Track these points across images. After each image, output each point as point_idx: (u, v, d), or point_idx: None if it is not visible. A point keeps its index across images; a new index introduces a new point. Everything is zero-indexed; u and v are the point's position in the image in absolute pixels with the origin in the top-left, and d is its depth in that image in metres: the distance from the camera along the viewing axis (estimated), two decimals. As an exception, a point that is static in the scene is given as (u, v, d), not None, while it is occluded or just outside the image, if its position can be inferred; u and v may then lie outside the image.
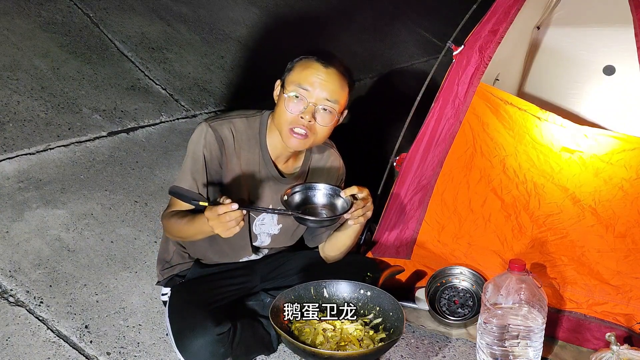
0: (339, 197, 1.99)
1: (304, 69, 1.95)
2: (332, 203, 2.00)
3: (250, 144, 2.03)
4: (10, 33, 3.08)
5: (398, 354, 2.19)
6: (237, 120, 2.03)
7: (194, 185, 1.97)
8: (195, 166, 1.97)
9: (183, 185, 1.97)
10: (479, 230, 2.41)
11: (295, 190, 2.00)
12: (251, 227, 2.10)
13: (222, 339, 1.83)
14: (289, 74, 1.97)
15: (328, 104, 1.94)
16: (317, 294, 2.04)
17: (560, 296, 2.31)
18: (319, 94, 1.93)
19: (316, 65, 1.95)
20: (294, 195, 1.99)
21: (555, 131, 2.32)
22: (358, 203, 1.95)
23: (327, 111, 1.95)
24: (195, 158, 1.97)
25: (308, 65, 1.95)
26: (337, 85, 1.96)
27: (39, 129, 2.70)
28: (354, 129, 3.55)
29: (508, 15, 2.33)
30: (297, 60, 1.99)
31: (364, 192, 1.97)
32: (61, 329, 2.01)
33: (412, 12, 5.39)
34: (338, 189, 2.00)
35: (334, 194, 2.01)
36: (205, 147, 1.96)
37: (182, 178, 1.99)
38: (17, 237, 2.27)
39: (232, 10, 4.18)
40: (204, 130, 1.97)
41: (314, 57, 1.97)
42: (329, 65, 1.95)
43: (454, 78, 2.38)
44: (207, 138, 1.96)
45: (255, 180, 2.05)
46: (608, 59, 2.98)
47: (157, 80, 3.32)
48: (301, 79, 1.93)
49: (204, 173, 1.98)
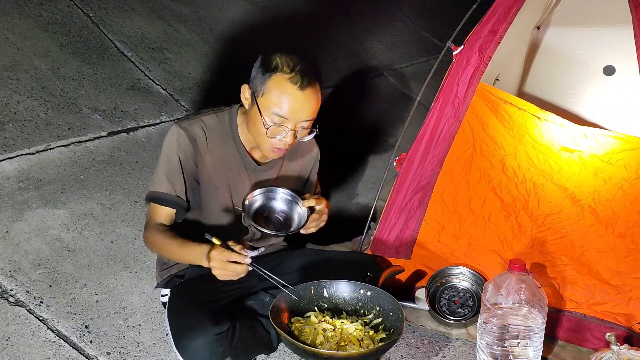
0: (298, 206, 2.07)
1: (280, 95, 1.89)
2: (291, 210, 2.08)
3: (223, 139, 2.05)
4: (10, 33, 3.07)
5: (398, 354, 2.19)
6: (206, 117, 2.04)
7: (171, 188, 1.99)
8: (171, 169, 1.99)
9: (160, 190, 1.99)
10: (479, 230, 2.41)
11: (255, 195, 2.05)
12: (239, 221, 2.13)
13: (221, 338, 1.83)
14: (262, 95, 1.91)
15: (306, 123, 1.95)
16: (317, 294, 2.04)
17: (560, 296, 2.31)
18: (298, 118, 1.92)
19: (292, 90, 1.88)
20: (254, 200, 2.06)
21: (555, 131, 2.32)
22: (314, 216, 2.04)
23: (305, 128, 1.96)
24: (169, 161, 1.99)
25: (283, 90, 1.88)
26: (314, 103, 1.94)
27: (39, 129, 2.70)
28: (354, 129, 3.56)
29: (508, 15, 2.34)
30: (268, 76, 1.90)
31: (321, 204, 2.06)
32: (61, 329, 2.01)
33: (412, 12, 5.39)
34: (298, 198, 2.06)
35: (293, 200, 2.07)
36: (179, 148, 1.98)
37: (157, 182, 2.00)
38: (17, 237, 2.27)
39: (232, 10, 4.17)
40: (175, 132, 1.98)
41: (287, 76, 1.88)
42: (305, 87, 1.90)
43: (453, 78, 2.38)
44: (180, 139, 1.98)
45: (233, 172, 2.07)
46: (608, 59, 2.98)
47: (157, 80, 3.32)
48: (279, 106, 1.89)
49: (181, 175, 1.99)
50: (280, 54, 1.93)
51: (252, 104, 1.95)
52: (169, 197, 1.99)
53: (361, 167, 3.13)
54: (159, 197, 1.99)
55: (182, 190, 2.00)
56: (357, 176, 3.13)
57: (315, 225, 2.07)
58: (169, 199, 1.99)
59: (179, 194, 2.00)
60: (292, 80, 1.89)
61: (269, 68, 1.91)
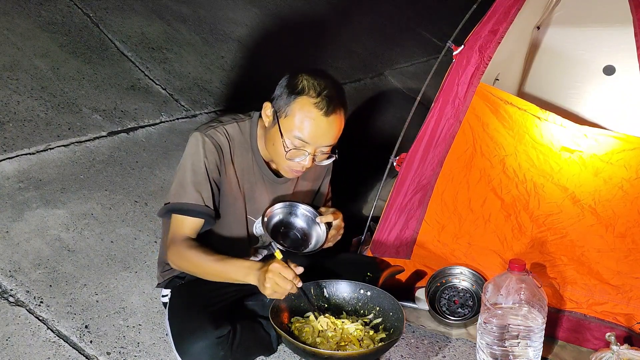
0: (316, 224, 2.08)
1: (304, 119, 1.86)
2: (309, 227, 2.10)
3: (242, 149, 2.02)
4: (10, 33, 3.08)
5: (398, 354, 2.19)
6: (228, 126, 2.01)
7: (199, 198, 1.92)
8: (197, 178, 1.92)
9: (187, 201, 1.91)
10: (479, 230, 2.41)
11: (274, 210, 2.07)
12: (250, 230, 2.11)
13: (221, 341, 1.82)
14: (286, 115, 1.88)
15: (326, 148, 1.94)
16: (317, 294, 2.04)
17: (560, 296, 2.31)
18: (319, 143, 1.91)
19: (316, 115, 1.86)
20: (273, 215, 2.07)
21: (555, 131, 2.32)
22: (331, 232, 2.06)
23: (324, 153, 1.95)
24: (195, 170, 1.92)
25: (307, 114, 1.86)
26: (337, 130, 1.92)
27: (39, 129, 2.70)
28: (354, 129, 3.55)
29: (508, 15, 2.33)
30: (293, 98, 1.87)
31: (338, 219, 2.06)
32: (61, 329, 2.01)
33: (412, 12, 5.39)
34: (315, 214, 2.07)
35: (312, 217, 2.09)
36: (205, 157, 1.93)
37: (182, 192, 1.92)
38: (17, 237, 2.27)
39: (232, 10, 4.18)
40: (200, 140, 1.93)
41: (313, 100, 1.86)
42: (330, 113, 1.87)
43: (454, 78, 2.38)
44: (206, 147, 1.93)
45: (251, 184, 2.05)
46: (608, 59, 2.98)
47: (157, 80, 3.32)
48: (301, 131, 1.87)
49: (208, 183, 1.94)
50: (308, 76, 1.89)
51: (274, 123, 1.91)
52: (197, 207, 1.91)
53: (361, 167, 3.13)
54: (186, 208, 1.90)
55: (209, 198, 1.93)
56: (357, 176, 3.13)
57: (333, 240, 2.08)
58: (198, 209, 1.91)
59: (207, 204, 1.93)
60: (318, 105, 1.86)
61: (295, 90, 1.87)
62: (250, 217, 2.08)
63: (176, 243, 1.91)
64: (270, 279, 1.75)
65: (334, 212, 2.06)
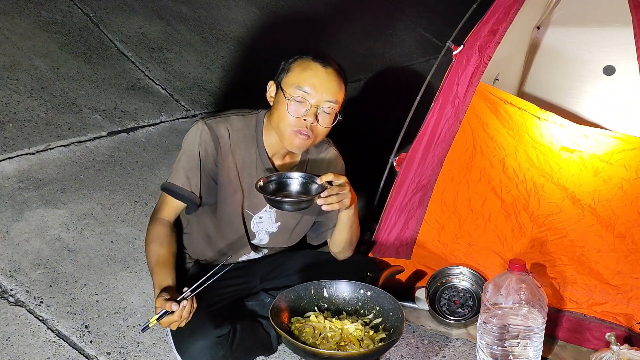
0: (314, 183, 1.96)
1: (303, 71, 1.94)
2: (307, 189, 1.97)
3: (246, 143, 2.04)
4: (10, 33, 3.07)
5: (398, 354, 2.19)
6: (233, 118, 2.04)
7: (186, 183, 1.99)
8: (189, 164, 1.99)
9: (176, 182, 2.00)
10: (479, 230, 2.41)
11: (270, 179, 1.97)
12: (248, 225, 2.10)
13: (221, 341, 1.83)
14: (286, 75, 1.97)
15: (328, 105, 1.95)
16: (317, 294, 2.04)
17: (560, 296, 2.31)
18: (320, 95, 1.93)
19: (314, 66, 1.95)
20: (268, 184, 1.96)
21: (555, 131, 2.32)
22: (332, 188, 1.92)
23: (327, 113, 1.96)
24: (190, 156, 1.99)
25: (306, 66, 1.95)
26: (336, 85, 1.97)
27: (39, 129, 2.70)
28: (354, 129, 3.55)
29: (508, 15, 2.34)
30: (292, 61, 1.98)
31: (340, 180, 1.94)
32: (61, 329, 2.01)
33: (412, 12, 5.39)
34: (314, 176, 1.97)
35: (309, 181, 1.97)
36: (200, 144, 1.98)
37: (174, 174, 2.01)
38: (17, 237, 2.27)
39: (232, 10, 4.18)
40: (200, 128, 1.98)
41: (310, 56, 1.97)
42: (327, 65, 1.96)
43: (453, 78, 2.38)
44: (203, 136, 1.98)
45: (252, 178, 2.05)
46: (608, 59, 2.99)
47: (157, 80, 3.32)
48: (301, 81, 1.93)
49: (198, 171, 1.99)
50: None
51: (277, 92, 1.98)
52: (182, 191, 1.99)
53: (361, 167, 3.13)
54: (173, 189, 2.00)
55: (197, 185, 2.00)
56: (357, 176, 3.13)
57: (337, 199, 1.92)
58: (182, 193, 2.00)
59: (193, 190, 2.00)
60: (315, 59, 1.96)
61: (294, 57, 1.99)
62: (248, 211, 2.08)
63: (153, 220, 2.03)
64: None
65: (335, 174, 1.95)
